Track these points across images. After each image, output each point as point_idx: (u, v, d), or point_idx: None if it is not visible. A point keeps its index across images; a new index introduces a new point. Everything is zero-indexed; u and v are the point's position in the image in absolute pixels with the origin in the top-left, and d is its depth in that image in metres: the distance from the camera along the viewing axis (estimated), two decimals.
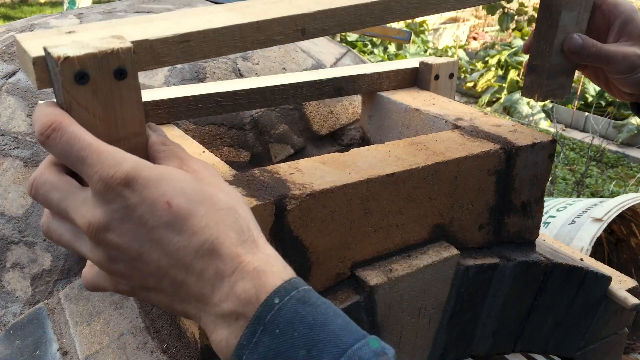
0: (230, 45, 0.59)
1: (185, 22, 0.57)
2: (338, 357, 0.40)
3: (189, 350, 0.69)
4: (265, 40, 0.61)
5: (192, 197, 0.43)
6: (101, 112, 0.47)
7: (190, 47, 0.55)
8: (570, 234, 1.99)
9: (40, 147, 0.91)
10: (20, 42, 0.49)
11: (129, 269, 0.44)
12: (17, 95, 0.96)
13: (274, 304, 0.41)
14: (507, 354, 1.03)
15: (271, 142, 1.02)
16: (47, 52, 0.46)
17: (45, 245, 0.86)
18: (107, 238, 0.43)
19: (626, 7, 0.80)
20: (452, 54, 7.04)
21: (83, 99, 0.46)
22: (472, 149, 0.83)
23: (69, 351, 0.74)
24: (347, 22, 0.66)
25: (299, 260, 0.71)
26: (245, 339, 0.41)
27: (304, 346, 0.40)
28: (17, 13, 9.09)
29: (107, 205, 0.42)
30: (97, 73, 0.46)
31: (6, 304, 0.84)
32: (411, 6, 0.71)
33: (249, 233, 0.45)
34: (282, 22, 0.61)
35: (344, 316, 0.44)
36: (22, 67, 0.51)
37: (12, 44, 1.07)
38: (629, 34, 0.79)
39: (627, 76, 0.79)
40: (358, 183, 0.72)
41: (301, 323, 0.41)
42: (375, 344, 0.42)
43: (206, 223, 0.43)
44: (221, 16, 0.60)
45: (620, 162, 4.66)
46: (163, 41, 0.53)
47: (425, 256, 0.81)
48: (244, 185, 0.68)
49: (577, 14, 0.81)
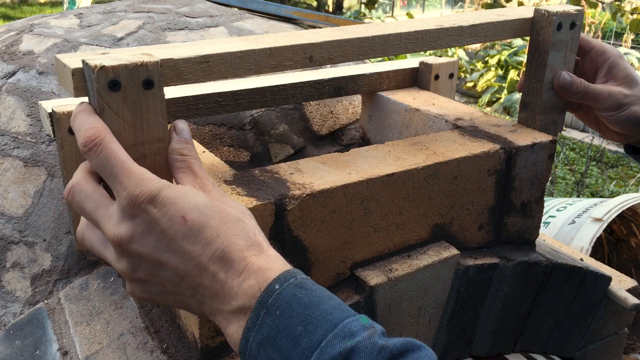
0: (245, 68, 0.66)
1: (206, 47, 0.64)
2: (330, 330, 0.46)
3: (189, 350, 0.69)
4: (277, 64, 0.68)
5: (204, 211, 0.50)
6: (129, 117, 0.53)
7: (210, 67, 0.62)
8: (570, 234, 1.99)
9: (40, 147, 0.91)
10: (60, 59, 0.56)
11: (149, 276, 0.50)
12: (17, 95, 0.96)
13: (274, 289, 0.47)
14: (507, 354, 1.03)
15: (271, 142, 1.02)
16: (85, 63, 0.53)
17: (45, 245, 0.86)
18: (131, 248, 0.49)
19: (612, 52, 0.88)
20: (452, 53, 7.04)
21: (114, 104, 0.52)
22: (472, 149, 0.83)
23: (69, 351, 0.74)
24: (350, 52, 0.73)
25: (299, 260, 0.71)
26: (251, 322, 0.47)
27: (301, 323, 0.46)
28: (17, 13, 9.10)
29: (131, 219, 0.49)
30: (128, 82, 0.52)
31: (6, 304, 0.84)
32: (409, 41, 0.78)
33: (255, 239, 0.51)
34: (293, 49, 0.68)
35: (337, 299, 0.49)
36: (60, 81, 0.58)
37: (12, 43, 1.07)
38: (615, 77, 0.87)
39: (614, 113, 0.85)
40: (358, 183, 0.72)
41: (298, 304, 0.47)
42: (364, 320, 0.47)
43: (217, 234, 0.49)
44: (238, 44, 0.67)
45: (620, 162, 4.65)
46: (186, 60, 0.60)
47: (425, 256, 0.81)
48: (244, 185, 0.68)
49: (564, 55, 0.88)
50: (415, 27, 0.79)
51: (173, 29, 1.11)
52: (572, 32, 0.87)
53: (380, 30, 0.76)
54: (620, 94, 0.85)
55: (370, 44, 0.74)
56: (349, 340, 0.45)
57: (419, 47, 0.79)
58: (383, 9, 9.49)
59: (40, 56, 1.01)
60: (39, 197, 0.88)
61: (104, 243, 0.52)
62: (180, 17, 1.16)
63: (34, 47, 1.04)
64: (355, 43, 0.73)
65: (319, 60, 0.71)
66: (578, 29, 0.88)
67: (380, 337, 0.47)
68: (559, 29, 0.86)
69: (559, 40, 0.86)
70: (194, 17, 1.17)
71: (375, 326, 0.48)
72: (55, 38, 1.06)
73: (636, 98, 0.85)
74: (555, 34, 0.86)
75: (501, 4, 4.58)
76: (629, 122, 0.85)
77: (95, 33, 1.07)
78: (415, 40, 0.78)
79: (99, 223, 0.51)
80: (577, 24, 0.87)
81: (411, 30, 0.77)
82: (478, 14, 0.89)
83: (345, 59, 0.73)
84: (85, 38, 1.05)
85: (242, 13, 1.27)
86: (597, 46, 0.89)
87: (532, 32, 0.88)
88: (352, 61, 0.77)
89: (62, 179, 0.77)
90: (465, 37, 0.82)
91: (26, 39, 1.07)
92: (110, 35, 1.06)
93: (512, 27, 0.87)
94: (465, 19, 0.84)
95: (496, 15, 0.88)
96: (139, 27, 1.10)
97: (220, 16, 1.21)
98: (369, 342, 0.45)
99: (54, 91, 0.95)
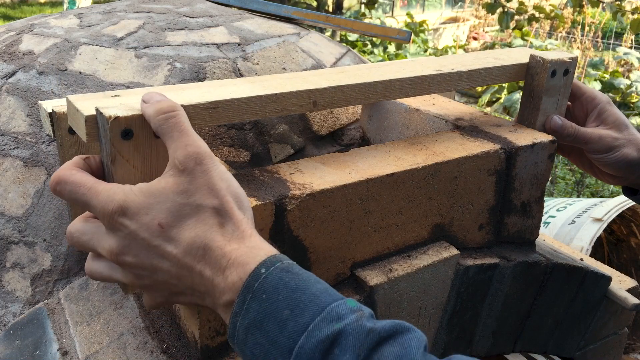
0: (251, 113, 0.67)
1: (214, 91, 0.66)
2: (318, 314, 0.46)
3: (189, 350, 0.69)
4: (282, 109, 0.70)
5: (178, 214, 0.50)
6: (140, 164, 0.55)
7: (218, 113, 0.64)
8: (570, 234, 1.99)
9: (40, 147, 0.91)
10: (73, 102, 0.58)
11: (154, 282, 0.52)
12: (17, 95, 0.96)
13: (260, 273, 0.48)
14: (507, 354, 1.03)
15: (271, 142, 1.02)
16: (99, 112, 0.54)
17: (45, 245, 0.86)
18: (126, 261, 0.51)
19: (602, 99, 0.92)
20: (452, 53, 7.04)
21: (126, 152, 0.54)
22: (472, 149, 0.83)
23: (69, 351, 0.74)
24: (353, 97, 0.75)
25: (299, 260, 0.71)
26: (237, 307, 0.48)
27: (287, 307, 0.47)
28: (17, 13, 9.10)
29: (115, 234, 0.51)
30: (140, 131, 0.54)
31: (6, 304, 0.84)
32: (409, 86, 0.80)
33: (235, 226, 0.51)
34: (298, 95, 0.70)
35: (324, 283, 0.50)
36: (72, 123, 0.60)
37: (12, 43, 1.07)
38: (605, 121, 0.90)
39: (605, 156, 0.89)
40: (358, 183, 0.72)
41: (285, 288, 0.47)
42: (352, 303, 0.48)
43: (195, 232, 0.50)
44: (244, 87, 0.68)
45: None
46: (195, 107, 0.62)
47: (425, 256, 0.81)
48: (244, 185, 0.68)
49: (557, 100, 0.91)
50: (415, 71, 0.82)
51: (173, 29, 1.11)
52: (565, 79, 0.90)
53: (382, 74, 0.79)
54: (610, 137, 0.88)
55: (372, 89, 0.76)
56: (337, 324, 0.45)
57: (418, 92, 0.82)
58: (383, 9, 9.49)
59: (40, 56, 1.01)
60: (39, 197, 0.88)
61: (110, 267, 0.54)
62: (180, 17, 1.16)
63: (34, 47, 1.04)
64: (357, 89, 0.75)
65: (323, 104, 0.73)
66: (571, 75, 0.91)
67: (368, 319, 0.47)
68: (553, 76, 0.89)
69: (553, 86, 0.90)
70: (194, 17, 1.18)
71: (363, 309, 0.48)
72: (55, 38, 1.06)
73: (626, 141, 0.88)
74: (549, 80, 0.89)
75: (502, 3, 4.57)
76: (619, 164, 0.89)
77: (95, 33, 1.07)
78: (416, 85, 0.81)
79: (97, 248, 0.53)
80: (570, 71, 0.90)
81: (412, 76, 0.80)
82: (475, 56, 0.92)
83: (348, 103, 0.75)
84: (85, 38, 1.05)
85: (242, 13, 1.27)
86: (588, 92, 0.93)
87: (527, 77, 0.92)
88: (354, 105, 0.79)
89: None
90: (464, 82, 0.86)
91: (26, 39, 1.07)
92: (110, 35, 1.06)
93: (508, 72, 0.90)
94: (463, 63, 0.88)
95: (493, 59, 0.91)
96: (139, 27, 1.10)
97: (220, 16, 1.21)
98: (356, 324, 0.46)
99: (54, 91, 0.95)
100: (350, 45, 6.75)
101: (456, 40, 8.17)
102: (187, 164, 0.51)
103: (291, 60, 1.11)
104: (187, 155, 0.51)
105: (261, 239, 0.52)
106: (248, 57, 1.07)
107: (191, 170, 0.51)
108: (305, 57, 1.15)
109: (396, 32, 1.25)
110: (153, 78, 0.99)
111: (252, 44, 1.11)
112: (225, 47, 1.08)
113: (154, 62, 1.01)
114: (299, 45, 1.17)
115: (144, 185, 0.51)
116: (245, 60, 1.06)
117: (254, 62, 1.07)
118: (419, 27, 7.62)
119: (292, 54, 1.13)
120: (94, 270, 0.55)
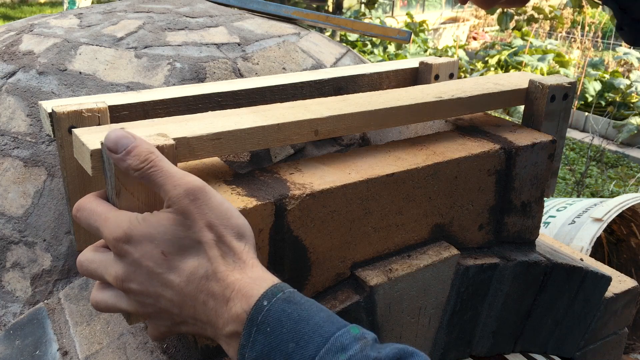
0: (254, 143, 0.68)
1: (217, 122, 0.67)
2: (322, 345, 0.46)
3: (189, 350, 0.69)
4: (284, 139, 0.70)
5: (181, 245, 0.51)
6: (144, 196, 0.56)
7: (221, 144, 0.65)
8: (570, 234, 1.98)
9: (40, 147, 0.91)
10: (78, 136, 0.59)
11: (157, 310, 0.53)
12: (17, 95, 0.96)
13: (263, 306, 0.48)
14: (507, 354, 1.03)
15: None
16: (104, 146, 0.54)
17: (45, 245, 0.86)
18: (131, 287, 0.52)
19: None
20: (452, 53, 7.04)
21: (131, 186, 0.54)
22: (472, 149, 0.83)
23: (69, 351, 0.74)
24: (354, 125, 0.75)
25: (299, 260, 0.71)
26: (244, 340, 0.48)
27: (292, 339, 0.47)
28: (17, 13, 9.10)
29: (121, 261, 0.52)
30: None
31: (6, 304, 0.84)
32: (409, 114, 0.80)
33: (236, 256, 0.52)
34: (300, 124, 0.71)
35: (327, 311, 0.50)
36: (77, 156, 0.61)
37: (12, 43, 1.07)
38: None
39: None
40: (358, 183, 0.72)
41: (288, 319, 0.48)
42: (355, 330, 0.48)
43: (198, 262, 0.51)
44: (247, 118, 0.69)
45: (620, 162, 4.65)
46: (199, 138, 0.63)
47: (425, 256, 0.81)
48: (243, 185, 0.68)
49: (557, 124, 0.92)
50: (415, 98, 0.82)
51: (173, 29, 1.11)
52: (564, 103, 0.91)
53: (383, 102, 0.79)
54: None
55: (373, 117, 0.77)
56: (342, 355, 0.46)
57: (418, 119, 0.82)
58: (383, 9, 9.49)
59: (40, 56, 1.01)
60: (39, 197, 0.88)
61: (116, 296, 0.55)
62: (180, 17, 1.16)
63: (34, 47, 1.04)
64: (358, 117, 0.75)
65: (324, 133, 0.73)
66: (571, 99, 0.92)
67: (372, 348, 0.47)
68: (552, 101, 0.89)
69: (552, 111, 0.90)
70: (194, 17, 1.17)
71: (367, 335, 0.48)
72: (55, 38, 1.06)
73: None
74: (549, 105, 0.89)
75: None
76: None
77: (95, 33, 1.07)
78: (416, 112, 0.81)
79: (104, 276, 0.54)
80: (569, 95, 0.91)
81: (412, 103, 0.80)
82: (474, 82, 0.92)
83: (349, 131, 0.76)
84: (85, 38, 1.05)
85: (242, 13, 1.27)
86: None
87: (526, 102, 0.92)
88: (355, 133, 0.80)
89: (62, 179, 0.77)
90: (463, 108, 0.86)
91: (26, 39, 1.07)
92: (110, 35, 1.06)
93: (507, 98, 0.91)
94: (463, 89, 0.88)
95: (492, 85, 0.91)
96: (139, 27, 1.10)
97: (220, 16, 1.21)
98: (361, 355, 0.46)
99: (54, 91, 0.95)
100: (350, 45, 6.75)
101: (456, 40, 8.17)
102: (181, 203, 0.51)
103: (291, 60, 1.11)
104: (177, 196, 0.51)
105: (263, 268, 0.53)
106: (248, 57, 1.07)
107: (185, 208, 0.51)
108: (305, 57, 1.15)
109: (396, 32, 1.25)
110: (153, 78, 0.99)
111: (252, 44, 1.11)
112: (225, 47, 1.08)
113: (154, 62, 1.01)
114: (299, 45, 1.17)
115: (147, 215, 0.52)
116: (245, 60, 1.06)
117: (254, 62, 1.07)
118: (419, 27, 7.61)
119: (292, 54, 1.13)
120: (99, 300, 0.56)
